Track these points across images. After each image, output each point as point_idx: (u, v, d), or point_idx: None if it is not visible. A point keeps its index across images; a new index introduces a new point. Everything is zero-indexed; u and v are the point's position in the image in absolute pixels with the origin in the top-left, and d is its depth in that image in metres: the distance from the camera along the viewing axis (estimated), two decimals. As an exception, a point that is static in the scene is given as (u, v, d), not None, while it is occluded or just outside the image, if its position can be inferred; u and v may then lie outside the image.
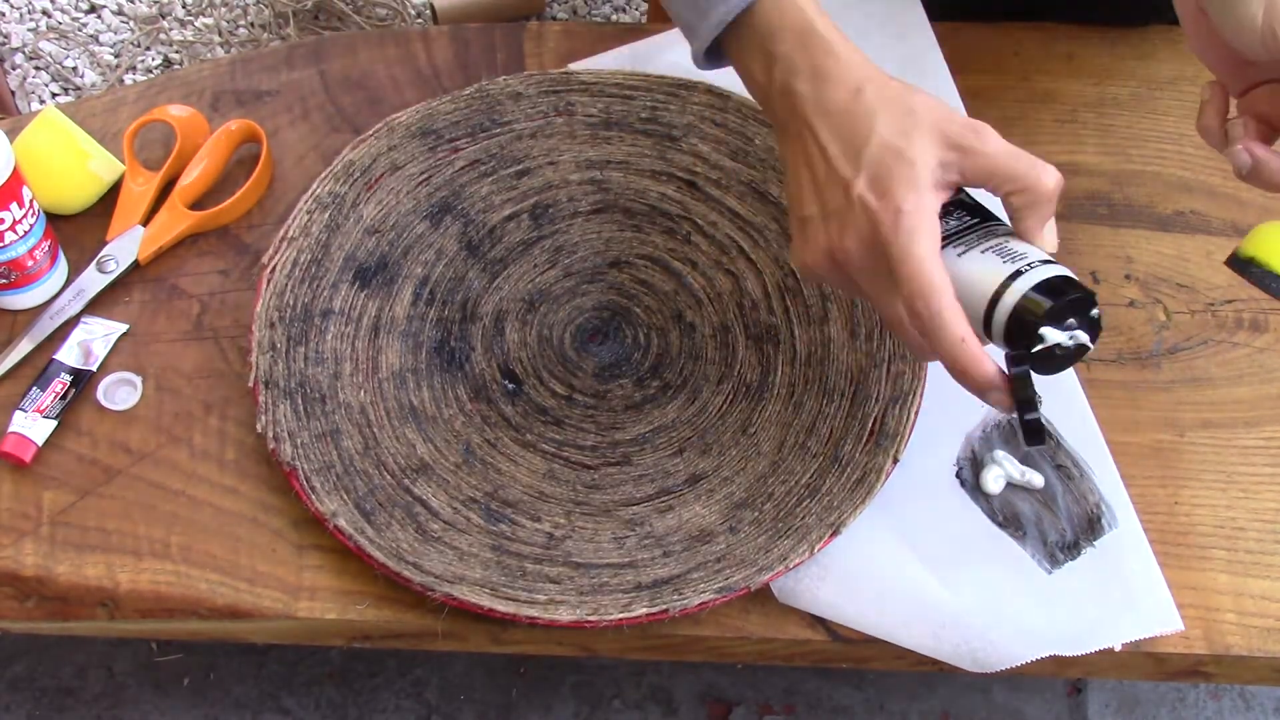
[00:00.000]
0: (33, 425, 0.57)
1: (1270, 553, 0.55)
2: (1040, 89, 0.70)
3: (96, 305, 0.62)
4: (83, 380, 0.59)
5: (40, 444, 0.57)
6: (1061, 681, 0.92)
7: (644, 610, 0.51)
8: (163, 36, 1.24)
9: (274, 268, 0.60)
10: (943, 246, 0.44)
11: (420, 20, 1.33)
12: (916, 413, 0.56)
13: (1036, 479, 0.56)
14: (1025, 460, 0.57)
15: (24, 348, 0.60)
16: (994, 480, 0.56)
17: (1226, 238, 0.65)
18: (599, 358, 0.60)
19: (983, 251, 0.45)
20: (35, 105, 1.21)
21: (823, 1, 0.71)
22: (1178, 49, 0.72)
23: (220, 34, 1.24)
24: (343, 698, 0.90)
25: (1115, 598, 0.53)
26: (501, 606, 0.51)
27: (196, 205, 0.65)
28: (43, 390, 0.58)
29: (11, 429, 0.57)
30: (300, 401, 0.57)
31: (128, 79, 1.22)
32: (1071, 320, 0.43)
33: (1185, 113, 0.69)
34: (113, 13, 1.26)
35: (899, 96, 0.45)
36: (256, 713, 0.90)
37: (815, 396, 0.58)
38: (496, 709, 0.90)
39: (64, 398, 0.58)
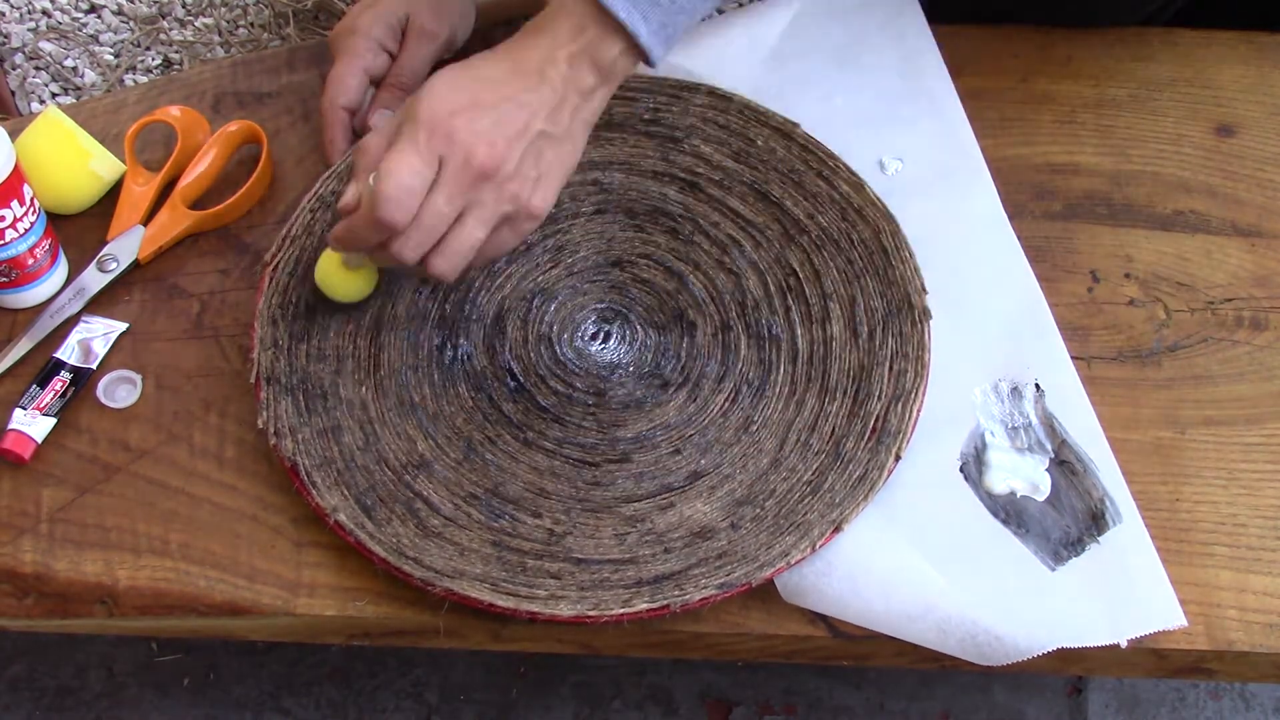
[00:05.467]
0: (32, 423, 0.57)
1: (1272, 549, 0.55)
2: (1039, 90, 0.70)
3: (97, 304, 0.62)
4: (82, 378, 0.59)
5: (40, 441, 0.57)
6: (1062, 681, 0.92)
7: (645, 605, 0.51)
8: (163, 36, 1.24)
9: (277, 265, 0.60)
10: None
11: (420, 23, 1.33)
12: (919, 410, 0.56)
13: (1043, 487, 0.56)
14: (1028, 450, 0.57)
15: (24, 346, 0.60)
16: (999, 482, 0.56)
17: (1226, 237, 0.65)
18: (600, 356, 0.60)
19: None
20: (35, 105, 1.21)
21: (822, 4, 0.72)
22: (1176, 50, 0.72)
23: (220, 34, 1.24)
24: (343, 698, 0.90)
25: (1119, 593, 0.53)
26: (502, 601, 0.51)
27: (197, 205, 0.65)
28: (42, 388, 0.58)
29: (11, 426, 0.57)
30: (301, 398, 0.57)
31: (128, 79, 1.22)
32: None
33: (1184, 113, 0.70)
34: (113, 13, 1.27)
35: None
36: (256, 713, 0.89)
37: (817, 395, 0.58)
38: (496, 709, 0.90)
39: (64, 396, 0.58)
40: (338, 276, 0.57)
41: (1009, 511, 0.55)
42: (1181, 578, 0.54)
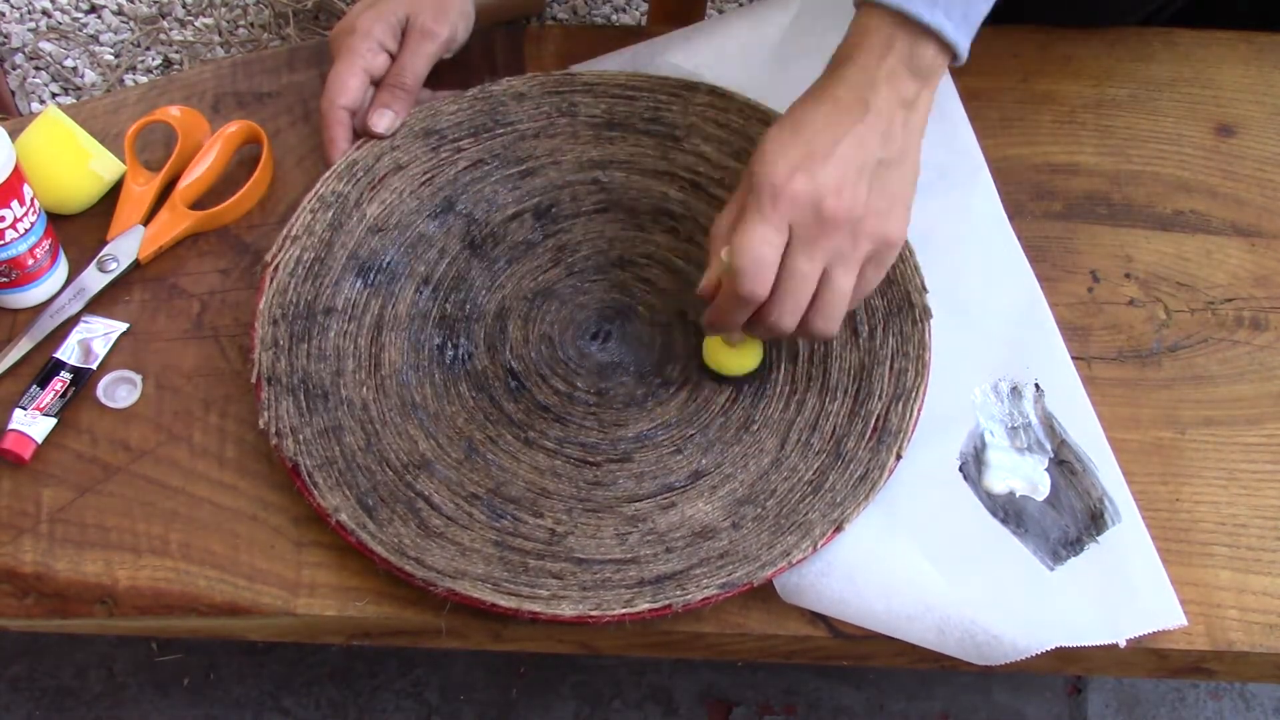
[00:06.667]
0: (32, 423, 0.57)
1: (1272, 549, 0.55)
2: (1039, 90, 0.71)
3: (97, 304, 0.62)
4: (83, 378, 0.59)
5: (40, 441, 0.57)
6: (1061, 681, 0.92)
7: (647, 605, 0.51)
8: (163, 36, 1.24)
9: (277, 265, 0.60)
10: None
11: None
12: (920, 410, 0.56)
13: (1043, 487, 0.56)
14: (1028, 450, 0.57)
15: (24, 346, 0.60)
16: (999, 481, 0.56)
17: (1226, 237, 0.65)
18: (601, 355, 0.60)
19: None
20: (35, 105, 1.21)
21: (822, 4, 0.72)
22: (1176, 50, 0.72)
23: (220, 34, 1.24)
24: (343, 698, 0.90)
25: (1118, 592, 0.53)
26: (504, 602, 0.51)
27: (197, 205, 0.65)
28: (42, 388, 0.58)
29: (11, 426, 0.57)
30: (302, 398, 0.57)
31: (128, 79, 1.22)
32: None
33: (1183, 113, 0.70)
34: (113, 13, 1.27)
35: None
36: (256, 713, 0.89)
37: (818, 394, 0.58)
38: (496, 709, 0.90)
39: (64, 396, 0.58)
40: (726, 355, 0.57)
41: (1008, 511, 0.55)
42: (1181, 578, 0.54)
